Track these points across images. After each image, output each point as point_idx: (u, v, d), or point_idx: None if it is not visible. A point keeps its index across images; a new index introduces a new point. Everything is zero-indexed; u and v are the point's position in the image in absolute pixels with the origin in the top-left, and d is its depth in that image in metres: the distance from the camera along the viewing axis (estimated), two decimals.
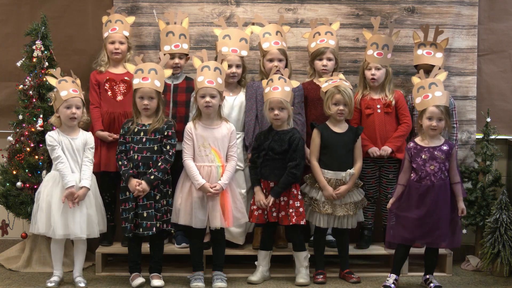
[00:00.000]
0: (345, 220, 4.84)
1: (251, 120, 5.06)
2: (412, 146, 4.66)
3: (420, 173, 4.60)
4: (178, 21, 5.12)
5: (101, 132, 5.06)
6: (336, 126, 4.84)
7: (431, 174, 4.58)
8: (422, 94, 4.65)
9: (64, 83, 4.67)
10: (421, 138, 4.67)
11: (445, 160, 4.60)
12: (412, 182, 4.63)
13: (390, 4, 5.45)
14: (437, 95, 4.62)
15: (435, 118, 4.59)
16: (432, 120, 4.59)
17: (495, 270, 5.08)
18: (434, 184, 4.57)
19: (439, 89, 4.64)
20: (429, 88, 4.64)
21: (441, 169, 4.59)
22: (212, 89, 4.65)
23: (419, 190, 4.59)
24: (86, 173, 4.68)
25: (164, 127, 4.70)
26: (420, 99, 4.65)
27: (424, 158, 4.60)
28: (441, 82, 4.67)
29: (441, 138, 4.67)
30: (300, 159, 4.74)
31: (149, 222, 4.64)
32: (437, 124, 4.59)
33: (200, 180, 4.63)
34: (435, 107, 4.59)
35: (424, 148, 4.63)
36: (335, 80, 4.85)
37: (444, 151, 4.61)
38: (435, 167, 4.59)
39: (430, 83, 4.66)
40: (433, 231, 4.57)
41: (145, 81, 4.66)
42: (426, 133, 4.64)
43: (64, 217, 4.60)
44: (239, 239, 5.11)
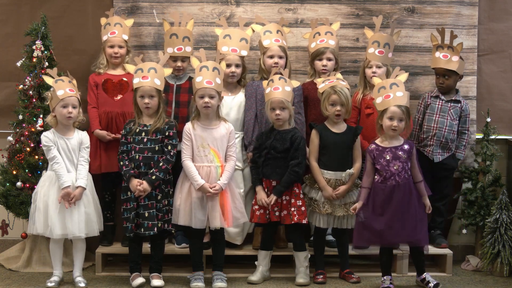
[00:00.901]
0: (345, 220, 4.84)
1: (250, 119, 5.06)
2: (373, 147, 4.65)
3: (384, 173, 4.59)
4: (183, 23, 5.10)
5: (99, 131, 5.06)
6: (334, 126, 4.83)
7: (395, 174, 4.57)
8: (383, 94, 4.63)
9: (60, 83, 4.68)
10: (381, 139, 4.66)
11: (407, 159, 4.59)
12: (377, 184, 4.62)
13: (390, 4, 5.45)
14: (398, 95, 4.60)
15: (396, 118, 4.57)
16: (393, 120, 4.57)
17: (495, 270, 5.08)
18: (399, 184, 4.56)
19: (400, 89, 4.62)
20: (390, 88, 4.63)
21: (404, 168, 4.58)
22: (210, 89, 4.65)
23: (384, 191, 4.58)
24: (81, 173, 4.68)
25: (165, 127, 4.70)
26: (381, 99, 4.63)
27: (387, 158, 4.59)
28: (402, 82, 4.66)
29: (400, 138, 4.65)
30: (302, 158, 4.75)
31: (151, 222, 4.64)
32: (398, 124, 4.57)
33: (200, 181, 4.63)
34: (397, 107, 4.57)
35: (386, 148, 4.61)
36: (332, 80, 4.85)
37: (406, 150, 4.60)
38: (399, 167, 4.57)
39: (391, 84, 4.64)
40: (401, 230, 4.55)
41: (145, 79, 4.66)
42: (386, 134, 4.62)
43: (61, 217, 4.60)
44: (236, 239, 5.10)
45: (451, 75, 5.12)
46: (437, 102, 5.19)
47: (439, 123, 5.16)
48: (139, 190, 4.61)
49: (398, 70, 4.75)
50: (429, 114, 5.20)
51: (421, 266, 4.77)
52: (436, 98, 5.20)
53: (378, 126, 4.66)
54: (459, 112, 5.20)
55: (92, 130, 5.07)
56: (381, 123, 4.62)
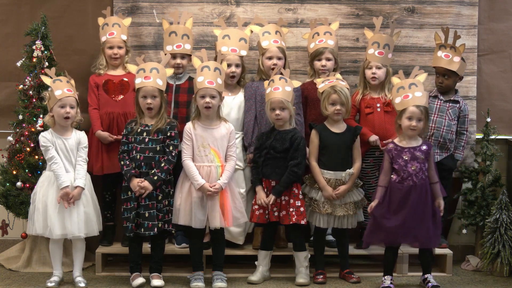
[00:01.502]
0: (345, 220, 4.84)
1: (250, 121, 5.06)
2: (392, 147, 4.65)
3: (402, 174, 4.59)
4: (182, 21, 5.11)
5: (101, 132, 5.06)
6: (334, 126, 4.84)
7: (413, 174, 4.57)
8: (402, 94, 4.64)
9: (58, 83, 4.68)
10: (400, 139, 4.66)
11: (424, 160, 4.60)
12: (394, 183, 4.62)
13: (390, 4, 5.45)
14: (417, 95, 4.61)
15: (415, 118, 4.57)
16: (412, 120, 4.58)
17: (495, 270, 5.08)
18: (416, 185, 4.57)
19: (419, 89, 4.63)
20: (409, 89, 4.63)
21: (421, 169, 4.58)
22: (212, 89, 4.65)
23: (401, 191, 4.58)
24: (80, 173, 4.68)
25: (167, 128, 4.70)
26: (400, 99, 4.64)
27: (405, 158, 4.59)
28: (421, 82, 4.66)
29: (418, 138, 4.66)
30: (301, 158, 4.75)
31: (151, 223, 4.64)
32: (416, 124, 4.58)
33: (200, 180, 4.63)
34: (415, 107, 4.58)
35: (404, 148, 4.62)
36: (331, 80, 4.85)
37: (424, 151, 4.60)
38: (417, 168, 4.58)
39: (410, 84, 4.65)
40: (416, 231, 4.55)
41: (147, 80, 4.66)
42: (405, 133, 4.63)
43: (61, 217, 4.60)
44: (238, 239, 5.11)
45: (451, 75, 5.12)
46: (436, 102, 5.19)
47: (437, 123, 5.16)
48: (139, 187, 4.59)
49: (417, 69, 4.75)
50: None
51: (428, 266, 4.77)
52: (435, 98, 5.20)
53: (397, 126, 4.68)
54: (457, 113, 5.20)
55: (94, 131, 5.07)
56: (400, 123, 4.63)
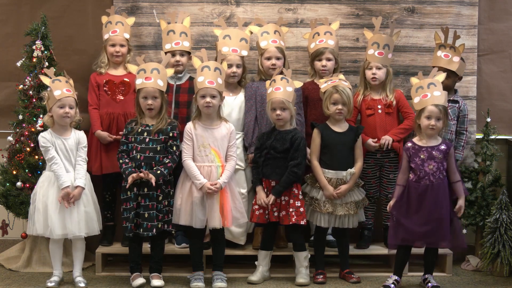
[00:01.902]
0: (346, 219, 4.84)
1: (250, 121, 5.06)
2: (410, 146, 4.66)
3: (419, 173, 4.60)
4: (179, 20, 5.12)
5: (100, 132, 5.06)
6: (336, 125, 4.84)
7: (429, 174, 4.58)
8: (421, 94, 4.65)
9: (57, 83, 4.68)
10: (419, 138, 4.67)
11: (443, 159, 4.60)
12: (411, 182, 4.63)
13: (390, 4, 5.45)
14: (436, 95, 4.62)
15: (434, 117, 4.59)
16: (430, 119, 4.59)
17: (495, 270, 5.08)
18: (433, 184, 4.57)
19: (438, 89, 4.65)
20: (427, 88, 4.65)
21: (439, 168, 4.59)
22: (212, 89, 4.65)
23: (418, 190, 4.59)
24: (80, 172, 4.68)
25: (168, 128, 4.70)
26: (419, 99, 4.66)
27: (422, 158, 4.60)
28: (439, 82, 4.68)
29: (438, 138, 4.66)
30: (301, 158, 4.75)
31: (150, 223, 4.64)
32: (435, 123, 4.59)
33: (202, 180, 4.63)
34: (434, 106, 4.59)
35: (422, 148, 4.63)
36: (334, 80, 4.85)
37: (442, 151, 4.61)
38: (434, 167, 4.58)
39: (428, 83, 4.66)
40: (434, 231, 4.57)
41: (148, 80, 4.66)
42: (424, 133, 4.64)
43: (61, 217, 4.60)
44: (240, 239, 5.11)
45: (450, 75, 5.12)
46: None
47: None
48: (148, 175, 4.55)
49: (436, 70, 4.76)
50: None
51: (431, 266, 4.78)
52: None
53: (416, 125, 4.68)
54: (457, 112, 5.21)
55: (93, 131, 5.07)
56: (419, 123, 4.63)
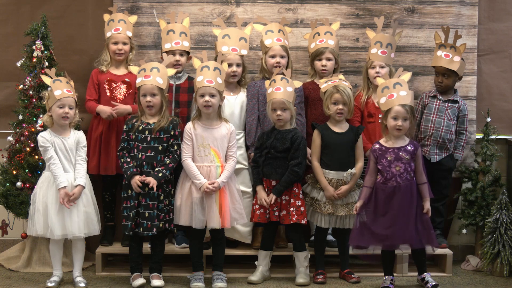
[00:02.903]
0: (347, 220, 4.84)
1: (253, 121, 5.06)
2: (377, 147, 4.64)
3: (385, 174, 4.58)
4: (178, 20, 5.13)
5: (102, 106, 5.02)
6: (336, 126, 4.84)
7: (396, 175, 4.56)
8: (387, 94, 4.63)
9: (58, 83, 4.68)
10: (386, 139, 4.65)
11: (410, 160, 4.58)
12: (378, 184, 4.61)
13: (390, 4, 5.45)
14: (402, 95, 4.59)
15: (401, 117, 4.56)
16: (397, 120, 4.57)
17: (495, 270, 5.08)
18: (400, 185, 4.55)
19: (404, 88, 4.62)
20: (393, 88, 4.62)
21: (406, 169, 4.57)
22: (211, 88, 4.65)
23: (385, 192, 4.57)
24: (80, 172, 4.68)
25: (170, 127, 4.70)
26: (385, 99, 4.63)
27: (389, 159, 4.58)
28: (405, 82, 4.65)
29: (405, 138, 4.64)
30: (302, 158, 4.75)
31: (150, 223, 4.64)
32: (402, 123, 4.56)
33: (202, 180, 4.63)
34: (401, 106, 4.56)
35: (389, 149, 4.60)
36: (334, 80, 4.85)
37: (409, 152, 4.58)
38: (401, 168, 4.56)
39: (394, 83, 4.64)
40: (402, 233, 4.54)
41: (147, 78, 4.66)
42: (390, 133, 4.62)
43: (61, 217, 4.60)
44: (248, 238, 5.10)
45: (450, 75, 5.12)
46: (435, 102, 5.19)
47: (436, 123, 5.16)
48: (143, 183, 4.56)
49: (401, 70, 4.74)
50: (427, 114, 5.20)
51: (422, 266, 4.76)
52: (434, 98, 5.20)
53: (383, 126, 4.66)
54: (456, 112, 5.21)
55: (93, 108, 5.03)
56: (386, 123, 4.61)
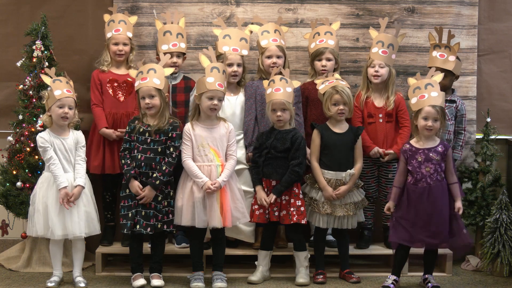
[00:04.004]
0: (345, 220, 4.84)
1: (250, 120, 5.06)
2: (407, 148, 4.65)
3: (416, 175, 4.59)
4: (174, 20, 5.13)
5: (106, 130, 5.05)
6: (336, 126, 4.84)
7: (427, 176, 4.57)
8: (418, 95, 4.64)
9: (58, 83, 4.68)
10: (416, 140, 4.66)
11: (440, 161, 4.58)
12: (409, 185, 4.62)
13: (390, 4, 5.45)
14: (433, 95, 4.60)
15: (431, 118, 4.57)
16: (427, 120, 4.57)
17: (495, 270, 5.08)
18: (431, 186, 4.56)
19: (435, 89, 4.63)
20: (425, 89, 4.63)
21: (436, 170, 4.57)
22: (221, 92, 4.66)
23: (416, 193, 4.57)
24: (80, 172, 4.68)
25: (169, 129, 4.70)
26: (416, 99, 4.64)
27: (419, 160, 4.59)
28: (437, 83, 4.66)
29: (436, 139, 4.64)
30: (302, 158, 4.75)
31: (145, 222, 4.64)
32: (432, 124, 4.57)
33: (204, 178, 4.63)
34: (431, 107, 4.57)
35: (419, 150, 4.61)
36: (331, 80, 4.85)
37: (439, 152, 4.59)
38: (431, 169, 4.57)
39: (426, 84, 4.65)
40: (433, 234, 4.55)
41: (144, 80, 4.66)
42: (421, 134, 4.62)
43: (61, 218, 4.60)
44: (251, 238, 5.10)
45: (447, 75, 5.11)
46: None
47: None
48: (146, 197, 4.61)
49: (434, 70, 4.75)
50: None
51: (431, 266, 4.77)
52: None
53: (413, 126, 4.67)
54: (454, 112, 5.21)
55: (98, 128, 5.06)
56: (416, 123, 4.62)
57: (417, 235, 4.57)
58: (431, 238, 4.57)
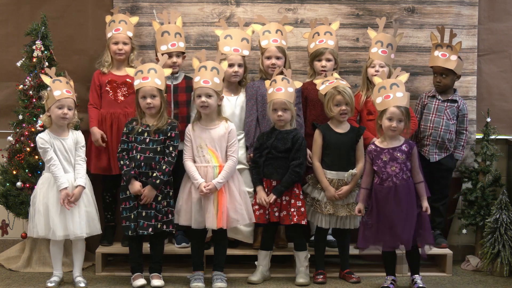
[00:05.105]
0: (347, 220, 4.84)
1: (252, 121, 5.06)
2: (372, 148, 4.63)
3: (381, 175, 4.57)
4: (172, 20, 5.12)
5: (96, 129, 5.04)
6: (338, 126, 4.83)
7: (392, 175, 4.55)
8: (383, 94, 4.61)
9: (58, 83, 4.67)
10: (381, 140, 4.65)
11: (406, 160, 4.57)
12: (376, 185, 4.60)
13: (390, 4, 5.45)
14: (398, 96, 4.57)
15: (396, 118, 4.54)
16: (392, 121, 4.55)
17: (495, 270, 5.08)
18: (397, 185, 4.54)
19: (401, 90, 4.60)
20: (390, 89, 4.60)
21: (402, 169, 4.56)
22: (207, 88, 4.65)
23: (382, 193, 4.56)
24: (80, 172, 4.68)
25: (168, 128, 4.70)
26: (381, 99, 4.61)
27: (384, 160, 4.58)
28: (402, 83, 4.64)
29: (400, 138, 4.62)
30: (303, 158, 4.75)
31: (146, 222, 4.64)
32: (397, 125, 4.55)
33: (199, 179, 4.63)
34: (396, 108, 4.55)
35: (384, 149, 4.60)
36: (331, 80, 4.85)
37: (404, 151, 4.57)
38: (396, 168, 4.56)
39: (391, 84, 4.62)
40: (401, 232, 4.53)
41: (145, 80, 4.66)
42: (385, 134, 4.61)
43: (62, 218, 4.60)
44: (250, 238, 5.10)
45: (448, 74, 5.12)
46: (434, 101, 5.20)
47: (435, 122, 5.16)
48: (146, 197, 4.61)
49: (399, 70, 4.73)
50: (426, 114, 5.20)
51: (416, 267, 4.75)
52: (433, 98, 5.21)
53: (377, 126, 4.65)
54: (456, 112, 5.21)
55: (90, 126, 5.06)
56: (381, 123, 4.61)
57: (383, 237, 4.56)
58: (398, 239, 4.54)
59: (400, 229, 4.53)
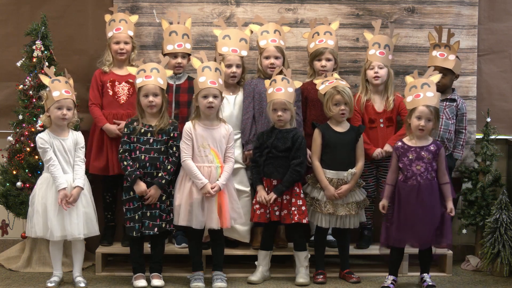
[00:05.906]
0: (347, 220, 4.84)
1: (248, 119, 5.06)
2: (399, 145, 4.65)
3: (406, 172, 4.58)
4: (181, 21, 5.12)
5: (109, 125, 5.02)
6: (337, 125, 4.84)
7: (417, 174, 4.56)
8: (414, 93, 4.63)
9: (57, 83, 4.67)
10: (409, 138, 4.66)
11: (432, 160, 4.58)
12: (400, 182, 4.61)
13: (390, 4, 5.45)
14: (428, 95, 4.59)
15: (424, 118, 4.56)
16: (420, 120, 4.57)
17: (495, 270, 5.08)
18: (420, 184, 4.55)
19: (431, 89, 4.62)
20: (421, 88, 4.62)
21: (427, 169, 4.57)
22: (215, 89, 4.65)
23: (405, 190, 4.57)
24: (79, 173, 4.68)
25: (170, 129, 4.71)
26: (411, 98, 4.64)
27: (410, 158, 4.58)
28: (433, 83, 4.66)
29: (429, 138, 4.64)
30: (303, 157, 4.75)
31: (151, 222, 4.65)
32: (425, 124, 4.56)
33: (204, 180, 4.62)
34: (425, 107, 4.57)
35: (411, 148, 4.61)
36: (331, 80, 4.85)
37: (431, 151, 4.58)
38: (422, 167, 4.56)
39: (422, 83, 4.64)
40: (421, 232, 4.54)
41: (148, 78, 4.67)
42: (414, 133, 4.62)
43: (60, 219, 4.60)
44: (246, 237, 5.10)
45: (447, 74, 5.12)
46: None
47: None
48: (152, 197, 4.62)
49: (432, 70, 4.74)
50: None
51: (426, 265, 4.76)
52: None
53: (406, 124, 4.67)
54: (455, 111, 5.21)
55: (100, 125, 5.03)
56: (409, 122, 4.62)
57: (403, 235, 4.57)
58: (417, 238, 4.56)
59: (420, 228, 4.54)
